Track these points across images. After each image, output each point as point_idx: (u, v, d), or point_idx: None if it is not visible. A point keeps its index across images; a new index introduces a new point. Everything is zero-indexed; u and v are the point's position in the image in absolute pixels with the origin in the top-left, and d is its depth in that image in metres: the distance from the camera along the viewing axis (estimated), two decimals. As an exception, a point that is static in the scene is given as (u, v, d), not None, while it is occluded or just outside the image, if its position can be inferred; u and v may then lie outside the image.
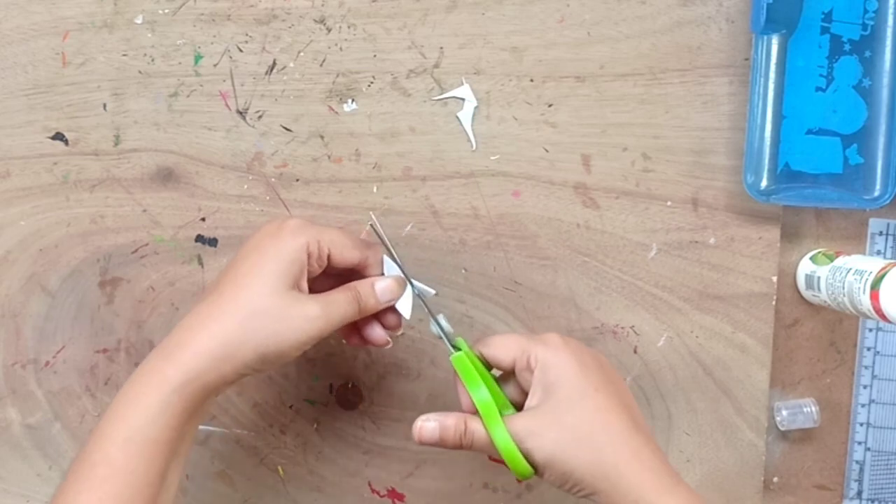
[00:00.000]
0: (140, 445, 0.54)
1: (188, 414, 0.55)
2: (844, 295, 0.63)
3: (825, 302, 0.66)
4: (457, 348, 0.60)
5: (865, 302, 0.60)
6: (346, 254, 0.59)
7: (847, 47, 0.66)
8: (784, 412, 0.69)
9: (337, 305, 0.58)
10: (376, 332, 0.62)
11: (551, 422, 0.56)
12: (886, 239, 0.69)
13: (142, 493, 0.54)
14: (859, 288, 0.61)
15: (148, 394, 0.55)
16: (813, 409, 0.69)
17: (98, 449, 0.55)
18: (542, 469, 0.56)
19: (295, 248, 0.57)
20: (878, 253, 0.69)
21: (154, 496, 0.55)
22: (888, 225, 0.69)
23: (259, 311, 0.56)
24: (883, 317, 0.59)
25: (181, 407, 0.55)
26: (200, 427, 0.64)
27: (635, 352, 0.70)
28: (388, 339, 0.62)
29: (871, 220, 0.69)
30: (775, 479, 0.71)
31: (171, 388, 0.55)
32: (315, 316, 0.56)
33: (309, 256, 0.58)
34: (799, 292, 0.69)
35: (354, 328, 0.62)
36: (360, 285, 0.59)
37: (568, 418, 0.55)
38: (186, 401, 0.55)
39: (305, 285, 0.58)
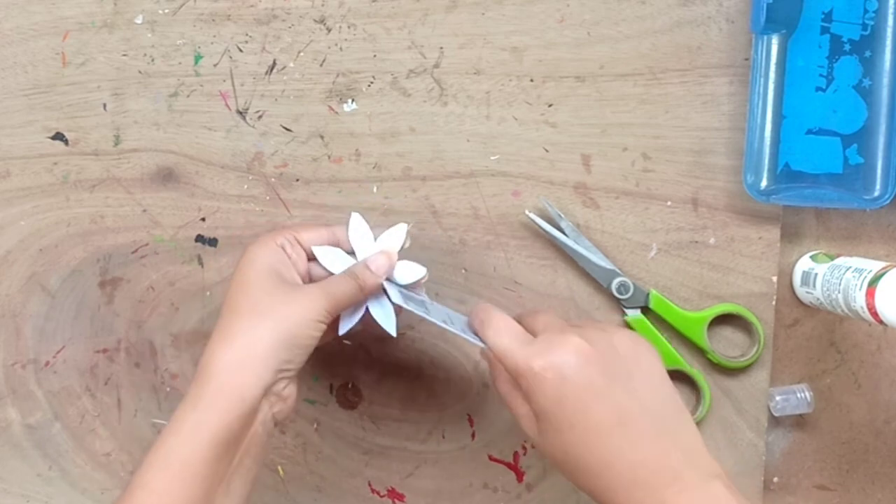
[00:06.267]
0: (177, 468, 0.54)
1: (228, 433, 0.55)
2: (840, 292, 0.62)
3: (818, 299, 0.66)
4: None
5: (860, 299, 0.60)
6: (312, 234, 0.61)
7: (847, 47, 0.66)
8: (777, 397, 0.69)
9: (335, 284, 0.59)
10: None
11: (543, 444, 0.56)
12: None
13: None
14: (856, 284, 0.61)
15: (181, 418, 0.55)
16: (806, 394, 0.69)
17: (138, 476, 0.55)
18: None
19: (266, 252, 0.59)
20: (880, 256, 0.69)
21: None
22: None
23: (262, 310, 0.57)
24: (875, 314, 0.59)
25: (217, 425, 0.54)
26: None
27: (635, 352, 0.69)
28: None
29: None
30: (775, 479, 0.71)
31: (203, 406, 0.55)
32: (317, 294, 0.57)
33: (284, 250, 0.59)
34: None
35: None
36: (353, 266, 0.61)
37: (550, 446, 0.55)
38: (221, 417, 0.55)
39: (297, 278, 0.59)
